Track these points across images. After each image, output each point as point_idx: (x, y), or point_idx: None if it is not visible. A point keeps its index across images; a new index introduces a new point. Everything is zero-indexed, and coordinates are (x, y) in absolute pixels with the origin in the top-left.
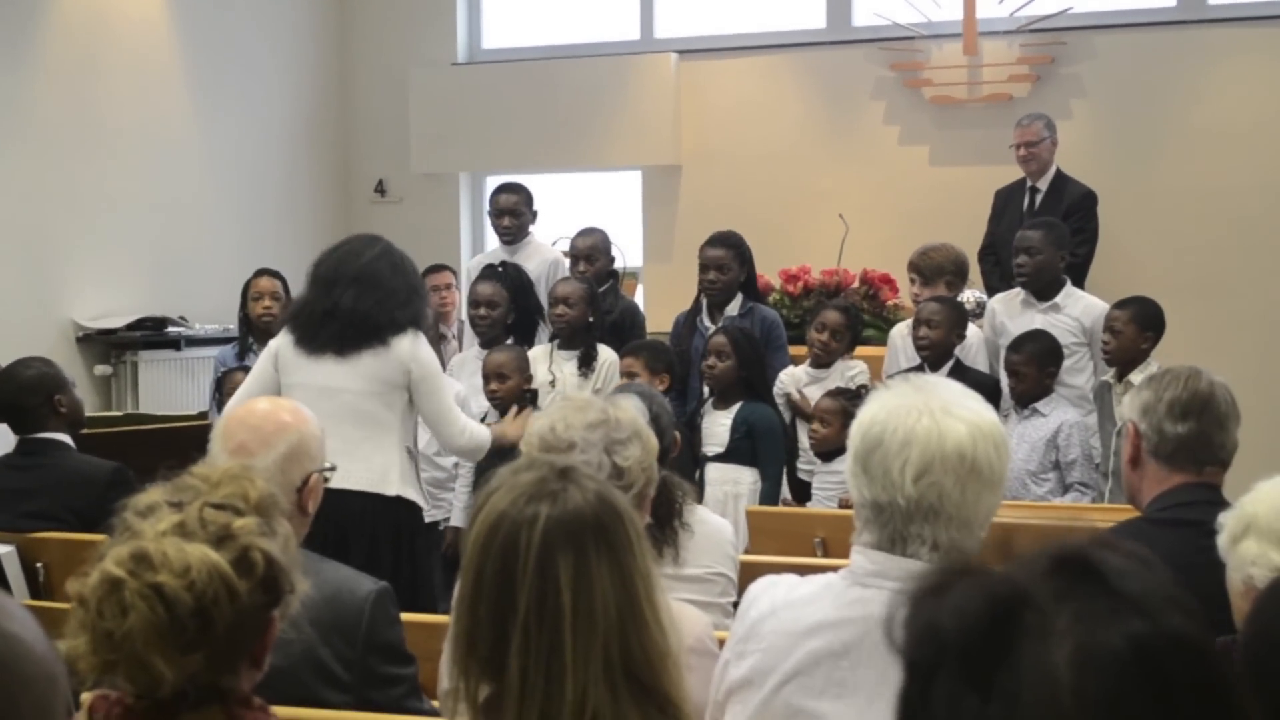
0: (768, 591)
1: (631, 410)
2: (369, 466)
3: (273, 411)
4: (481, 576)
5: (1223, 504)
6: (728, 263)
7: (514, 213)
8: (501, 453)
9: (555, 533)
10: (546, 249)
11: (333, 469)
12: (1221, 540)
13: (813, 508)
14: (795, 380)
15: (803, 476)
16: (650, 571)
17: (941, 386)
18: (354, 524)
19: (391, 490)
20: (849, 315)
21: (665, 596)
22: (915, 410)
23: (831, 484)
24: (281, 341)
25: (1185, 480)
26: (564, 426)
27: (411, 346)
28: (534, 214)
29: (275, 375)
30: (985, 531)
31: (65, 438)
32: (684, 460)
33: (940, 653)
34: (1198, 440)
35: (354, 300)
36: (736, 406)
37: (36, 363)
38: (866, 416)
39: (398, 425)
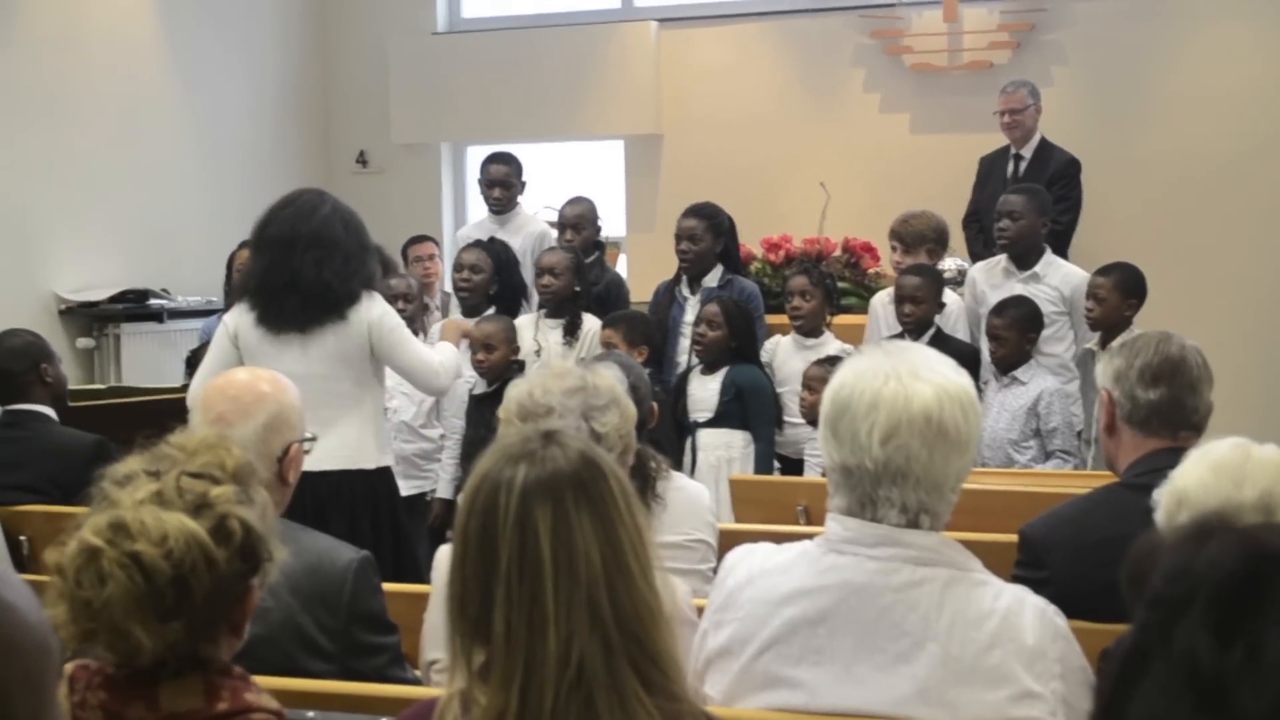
0: (744, 560)
1: (610, 378)
2: (344, 443)
3: (252, 382)
4: (467, 537)
5: None
6: (700, 233)
7: (504, 184)
8: (492, 427)
9: (533, 488)
10: (534, 221)
11: (313, 439)
12: (1159, 518)
13: (803, 477)
14: (783, 350)
15: (782, 450)
16: (640, 529)
17: (912, 351)
18: (331, 500)
19: (370, 464)
20: (811, 274)
21: (657, 556)
22: (883, 374)
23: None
24: (240, 319)
25: (1160, 446)
26: (542, 392)
27: (366, 312)
28: (523, 185)
29: (236, 353)
30: (957, 495)
31: (49, 410)
32: (667, 429)
33: (1190, 594)
34: (1170, 405)
35: (315, 269)
36: (724, 370)
37: (24, 332)
38: (836, 381)
39: (368, 396)
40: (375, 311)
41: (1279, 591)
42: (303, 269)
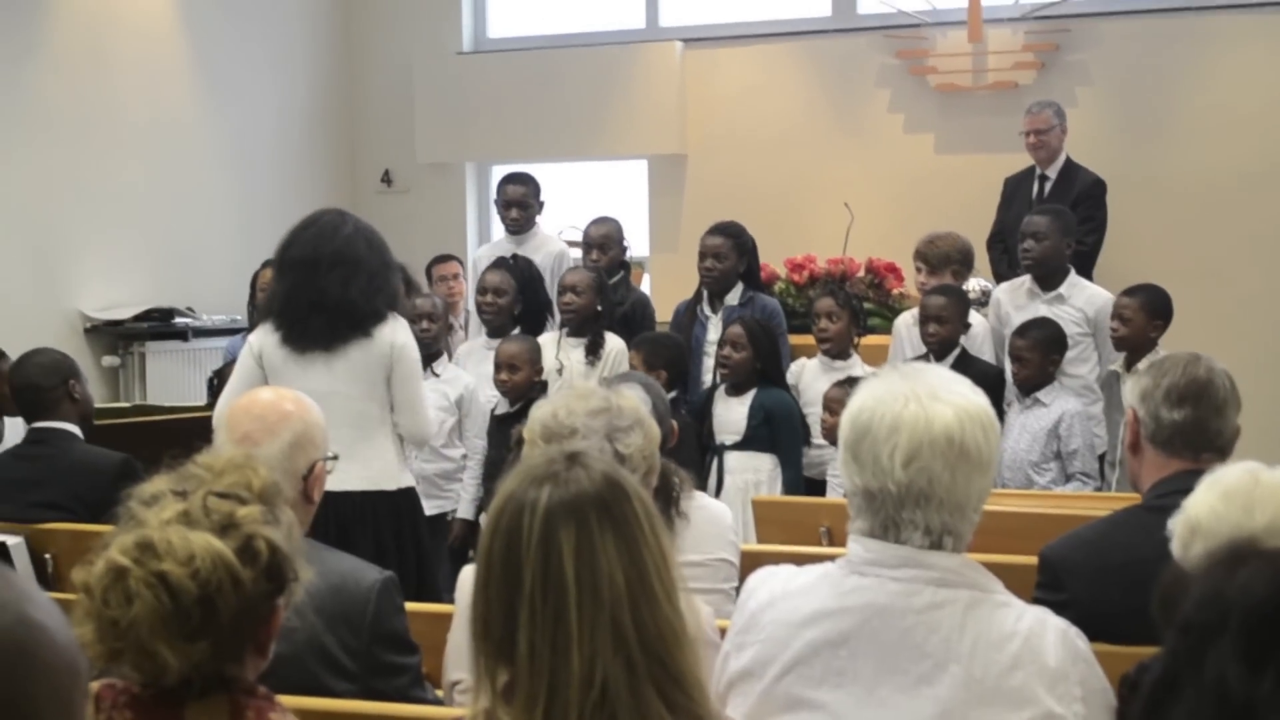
0: (766, 582)
1: (635, 399)
2: (368, 466)
3: (276, 401)
4: (491, 557)
5: None
6: (725, 252)
7: (521, 204)
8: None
9: (557, 509)
10: (553, 240)
11: (335, 458)
12: (1175, 548)
13: (825, 498)
14: (809, 372)
15: (805, 471)
16: (664, 551)
17: (930, 373)
18: (356, 521)
19: (392, 485)
20: (837, 296)
21: (682, 578)
22: (902, 396)
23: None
24: (265, 339)
25: (1182, 467)
26: (566, 413)
27: (392, 334)
28: (541, 205)
29: (261, 373)
30: (979, 515)
31: (74, 428)
32: (690, 449)
33: (1222, 621)
34: (1194, 427)
35: (341, 287)
36: (751, 393)
37: (52, 351)
38: (855, 405)
39: (389, 417)
40: (401, 337)
41: None
42: (328, 288)
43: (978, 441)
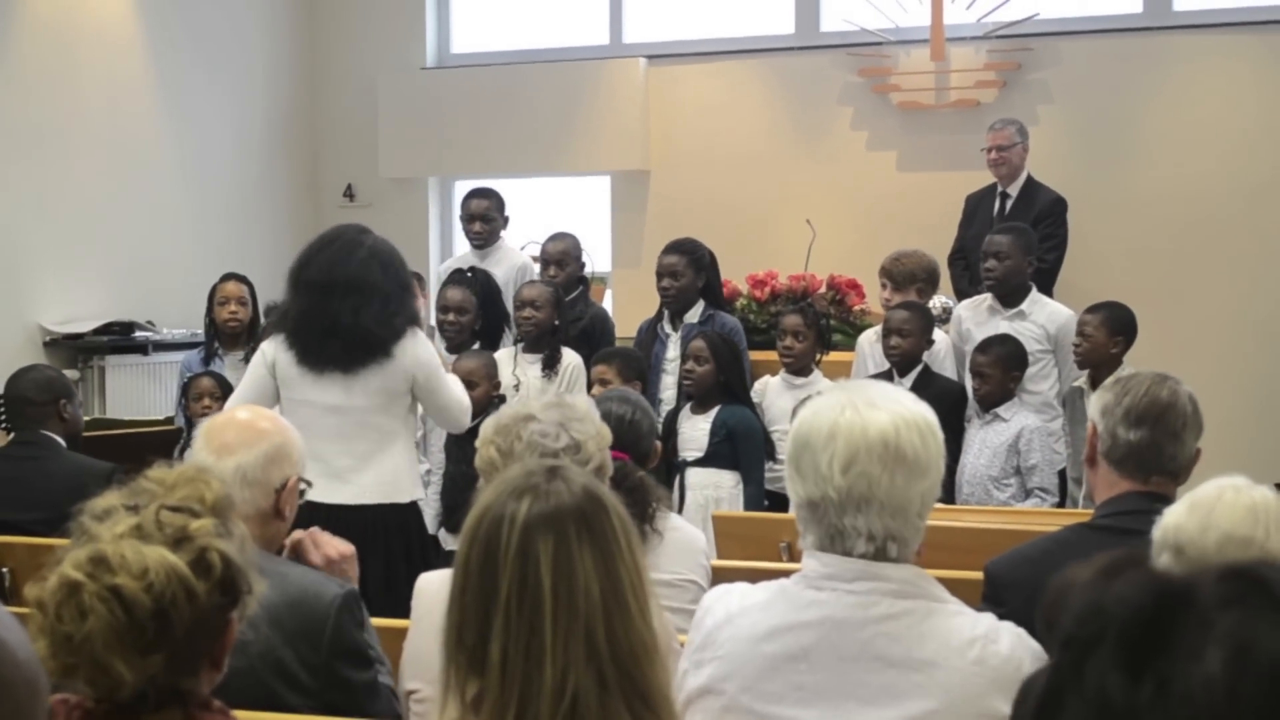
0: (722, 599)
1: (584, 402)
2: (380, 478)
3: (253, 420)
4: (467, 566)
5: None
6: (681, 269)
7: (485, 218)
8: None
9: (537, 519)
10: (516, 254)
11: (309, 484)
12: (1153, 554)
13: (786, 514)
14: (772, 390)
15: (769, 486)
16: (639, 566)
17: (871, 386)
18: (369, 538)
19: (405, 497)
20: (806, 315)
21: (654, 593)
22: (839, 406)
23: None
24: (279, 354)
25: (1131, 488)
26: (522, 406)
27: (413, 350)
28: (505, 219)
29: (273, 383)
30: (924, 520)
31: (60, 439)
32: (657, 466)
33: (1101, 631)
34: (1148, 449)
35: (354, 315)
36: (715, 410)
37: (49, 368)
38: (796, 421)
39: (403, 429)
40: (422, 349)
41: (1184, 627)
42: (340, 316)
43: (914, 445)
